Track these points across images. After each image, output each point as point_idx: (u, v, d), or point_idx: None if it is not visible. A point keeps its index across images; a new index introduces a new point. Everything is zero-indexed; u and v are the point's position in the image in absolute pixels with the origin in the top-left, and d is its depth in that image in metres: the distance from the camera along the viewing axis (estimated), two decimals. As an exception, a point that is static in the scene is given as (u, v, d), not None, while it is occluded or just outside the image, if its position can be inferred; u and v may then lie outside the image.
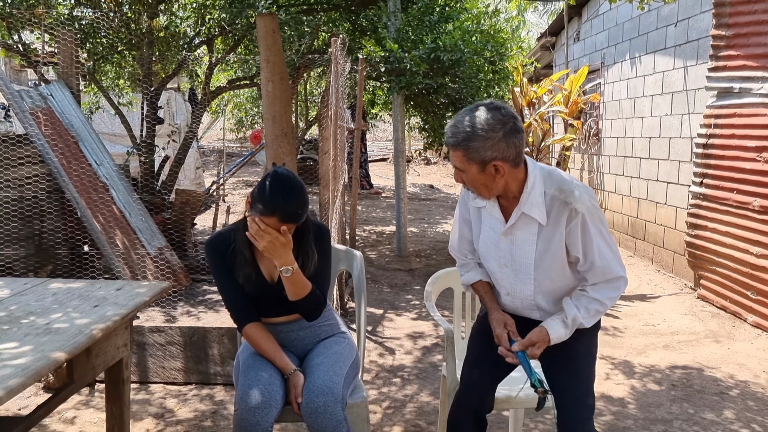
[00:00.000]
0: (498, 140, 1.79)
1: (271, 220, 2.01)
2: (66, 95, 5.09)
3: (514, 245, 1.99)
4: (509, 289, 2.08)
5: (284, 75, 3.47)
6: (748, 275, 4.78)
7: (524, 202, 1.91)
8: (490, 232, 2.04)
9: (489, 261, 2.09)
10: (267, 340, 2.21)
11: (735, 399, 3.50)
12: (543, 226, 1.92)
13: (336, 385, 2.10)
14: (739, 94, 5.00)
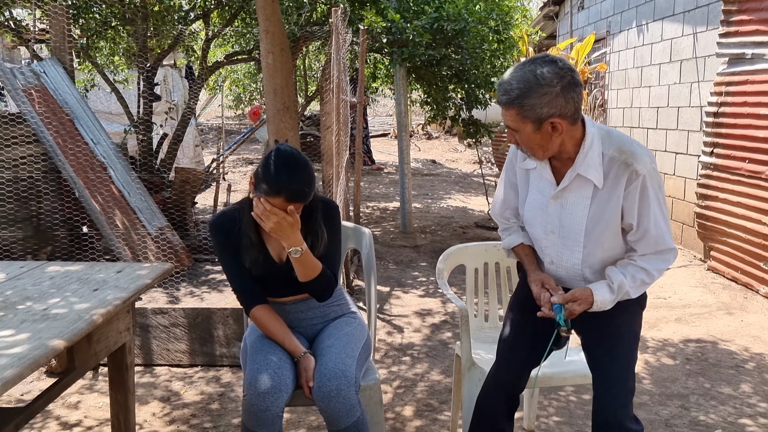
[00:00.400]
0: (555, 95, 1.66)
1: (277, 200, 1.91)
2: (59, 72, 4.95)
3: (564, 210, 1.86)
4: (554, 257, 1.94)
5: (285, 46, 3.33)
6: (760, 246, 4.69)
7: (580, 162, 1.78)
8: (538, 195, 1.92)
9: (534, 227, 1.96)
10: (275, 322, 2.12)
11: (751, 372, 3.43)
12: (598, 189, 1.79)
13: (349, 368, 2.01)
14: (752, 60, 4.86)
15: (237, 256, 2.09)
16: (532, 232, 2.00)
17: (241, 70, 10.90)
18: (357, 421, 1.99)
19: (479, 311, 2.76)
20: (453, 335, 3.96)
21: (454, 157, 13.46)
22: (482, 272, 2.74)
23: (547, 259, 1.97)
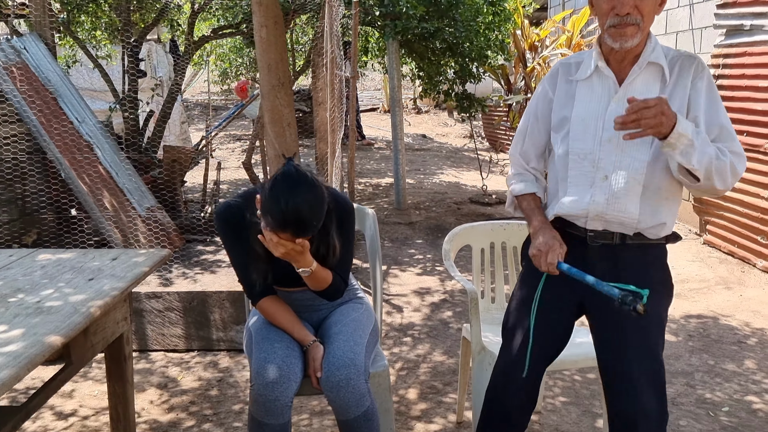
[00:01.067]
0: None
1: (285, 234, 1.78)
2: (41, 48, 4.76)
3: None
4: (610, 169, 1.74)
5: (279, 19, 3.19)
6: (758, 219, 4.67)
7: (649, 51, 1.72)
8: (593, 104, 1.78)
9: (585, 140, 1.78)
10: (283, 312, 2.04)
11: (754, 348, 3.42)
12: (666, 83, 1.71)
13: (358, 356, 1.95)
14: (750, 31, 4.78)
15: (244, 248, 1.98)
16: (581, 148, 1.79)
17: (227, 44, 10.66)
18: (367, 410, 1.93)
19: (486, 292, 2.70)
20: (453, 314, 3.91)
21: (444, 131, 13.33)
22: (488, 252, 2.67)
23: (601, 174, 1.76)
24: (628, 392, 1.70)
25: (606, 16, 1.69)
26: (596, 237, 1.80)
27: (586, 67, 1.82)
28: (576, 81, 1.84)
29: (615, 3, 1.66)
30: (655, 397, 1.70)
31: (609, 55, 1.77)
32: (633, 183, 1.74)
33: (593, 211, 1.78)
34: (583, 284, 1.74)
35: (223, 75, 11.96)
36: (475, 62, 6.12)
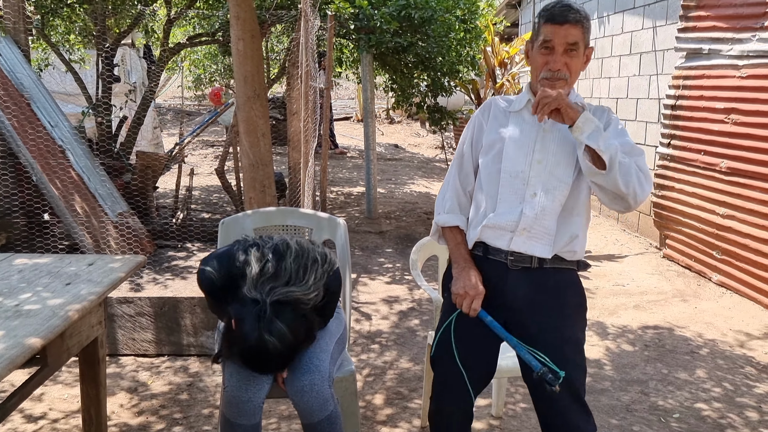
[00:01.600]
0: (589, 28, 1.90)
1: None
2: (15, 53, 4.77)
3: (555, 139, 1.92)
4: (539, 188, 1.90)
5: (255, 32, 3.28)
6: (713, 235, 4.88)
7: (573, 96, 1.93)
8: (525, 130, 1.95)
9: (517, 161, 1.92)
10: None
11: (705, 358, 3.59)
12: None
13: (323, 362, 2.03)
14: (708, 55, 5.00)
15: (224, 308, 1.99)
16: (513, 168, 1.93)
17: (202, 51, 10.66)
18: (330, 414, 2.01)
19: (450, 302, 2.80)
20: (420, 322, 4.02)
21: (416, 141, 13.50)
22: (454, 263, 2.77)
23: (530, 191, 1.90)
24: (556, 411, 1.87)
25: (540, 68, 1.90)
26: (516, 261, 1.92)
27: (519, 101, 2.02)
28: (509, 112, 2.02)
29: (549, 59, 1.87)
30: (579, 414, 1.87)
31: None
32: (556, 201, 1.90)
33: (523, 223, 1.90)
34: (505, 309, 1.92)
35: (197, 81, 11.93)
36: (447, 76, 6.27)
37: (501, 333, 1.87)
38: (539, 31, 1.89)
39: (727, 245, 4.73)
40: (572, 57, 1.85)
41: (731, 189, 4.69)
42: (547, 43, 1.85)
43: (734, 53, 4.71)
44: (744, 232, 4.55)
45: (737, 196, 4.63)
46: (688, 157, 5.20)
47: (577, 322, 1.98)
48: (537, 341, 1.86)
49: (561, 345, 1.87)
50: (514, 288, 1.92)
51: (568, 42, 1.83)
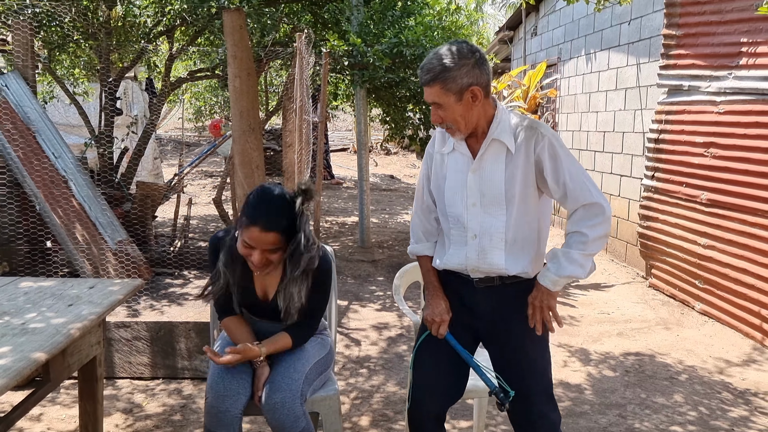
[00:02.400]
0: (472, 66, 1.88)
1: (254, 230, 2.00)
2: (22, 87, 4.97)
3: (483, 179, 2.01)
4: (477, 230, 2.04)
5: (251, 70, 3.48)
6: (696, 265, 5.03)
7: (494, 129, 1.97)
8: (458, 174, 2.06)
9: (455, 205, 2.07)
10: (243, 330, 2.26)
11: (684, 383, 3.70)
12: (511, 153, 1.97)
13: (295, 382, 2.15)
14: (688, 91, 5.21)
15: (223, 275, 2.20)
16: (453, 212, 2.09)
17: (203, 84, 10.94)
18: (302, 430, 2.12)
19: (433, 326, 2.94)
20: (408, 348, 4.14)
21: (412, 172, 13.73)
22: (436, 289, 2.92)
23: (470, 234, 2.05)
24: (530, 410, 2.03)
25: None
26: (480, 281, 2.10)
27: (450, 142, 2.09)
28: (444, 153, 2.14)
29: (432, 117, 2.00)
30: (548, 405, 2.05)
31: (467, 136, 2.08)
32: (497, 240, 2.03)
33: (469, 265, 2.07)
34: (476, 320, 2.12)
35: (197, 113, 12.20)
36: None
37: (461, 353, 2.07)
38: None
39: (709, 275, 4.87)
40: (442, 111, 1.93)
41: (711, 220, 4.85)
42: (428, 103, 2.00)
43: (712, 90, 4.92)
44: (724, 262, 4.70)
45: (717, 227, 4.80)
46: (671, 189, 5.37)
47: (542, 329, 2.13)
48: (506, 346, 2.06)
49: (527, 347, 2.06)
50: (482, 302, 2.10)
51: (429, 101, 1.98)
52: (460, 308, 2.13)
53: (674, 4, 5.37)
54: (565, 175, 1.94)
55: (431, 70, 1.90)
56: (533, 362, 2.05)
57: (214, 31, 6.06)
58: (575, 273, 1.95)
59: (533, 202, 2.02)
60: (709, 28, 5.01)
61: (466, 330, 2.14)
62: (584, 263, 1.95)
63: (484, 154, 2.00)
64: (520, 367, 2.05)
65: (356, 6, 6.16)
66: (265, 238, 2.01)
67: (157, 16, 5.95)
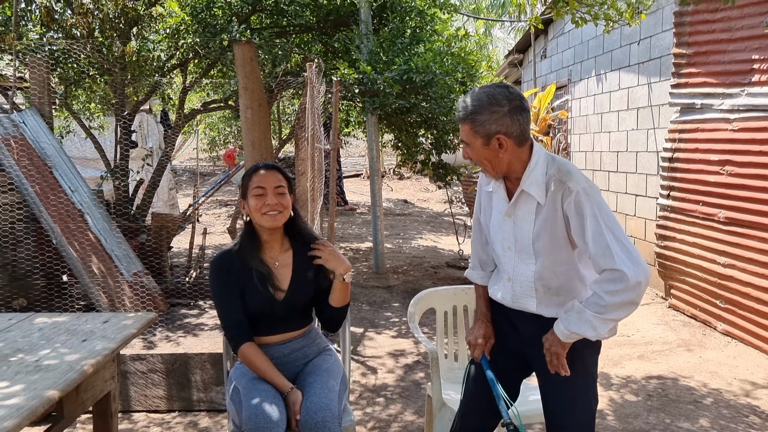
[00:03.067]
0: (503, 115, 1.86)
1: (259, 173, 2.29)
2: (39, 123, 5.06)
3: (515, 225, 2.01)
4: (511, 273, 2.06)
5: (263, 101, 3.52)
6: (716, 284, 4.94)
7: (525, 179, 1.94)
8: (498, 215, 2.08)
9: (495, 245, 2.11)
10: (263, 359, 2.26)
11: (709, 407, 3.61)
12: (541, 205, 1.94)
13: (332, 402, 2.16)
14: (701, 109, 5.18)
15: (232, 293, 2.27)
16: (495, 251, 2.14)
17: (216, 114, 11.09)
18: None
19: (449, 352, 2.91)
20: (425, 375, 4.09)
21: (425, 197, 13.73)
22: (452, 314, 2.89)
23: (505, 276, 2.09)
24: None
25: None
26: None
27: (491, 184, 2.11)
28: (490, 192, 2.14)
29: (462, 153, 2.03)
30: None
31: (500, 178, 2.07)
32: (527, 287, 2.03)
33: (505, 303, 2.11)
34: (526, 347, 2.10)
35: (211, 143, 12.34)
36: (451, 134, 6.50)
37: (489, 378, 2.08)
38: None
39: (730, 294, 4.79)
40: (470, 150, 1.95)
41: (730, 238, 4.78)
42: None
43: (725, 107, 4.89)
44: (745, 281, 4.62)
45: (736, 246, 4.72)
46: (687, 207, 5.31)
47: (588, 359, 2.06)
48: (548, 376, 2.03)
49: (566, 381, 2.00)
50: (527, 329, 2.09)
51: (461, 138, 1.99)
52: (513, 335, 2.14)
53: (684, 23, 5.37)
54: (588, 237, 1.86)
55: (463, 109, 1.92)
56: (572, 397, 2.00)
57: (227, 63, 6.15)
58: (585, 333, 1.87)
59: (567, 253, 1.98)
60: (720, 46, 4.99)
61: (517, 358, 2.15)
62: (597, 326, 1.85)
63: (517, 202, 2.01)
64: (560, 399, 2.02)
65: (365, 35, 6.22)
66: (272, 176, 2.28)
67: (171, 50, 6.05)
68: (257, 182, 2.27)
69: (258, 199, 2.25)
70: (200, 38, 5.58)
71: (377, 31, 6.54)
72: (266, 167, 2.33)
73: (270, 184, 2.26)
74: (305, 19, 6.68)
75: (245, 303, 2.26)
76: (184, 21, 5.94)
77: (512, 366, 2.14)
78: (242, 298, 2.26)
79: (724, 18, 4.96)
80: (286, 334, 2.36)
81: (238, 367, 2.36)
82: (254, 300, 2.26)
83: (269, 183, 2.26)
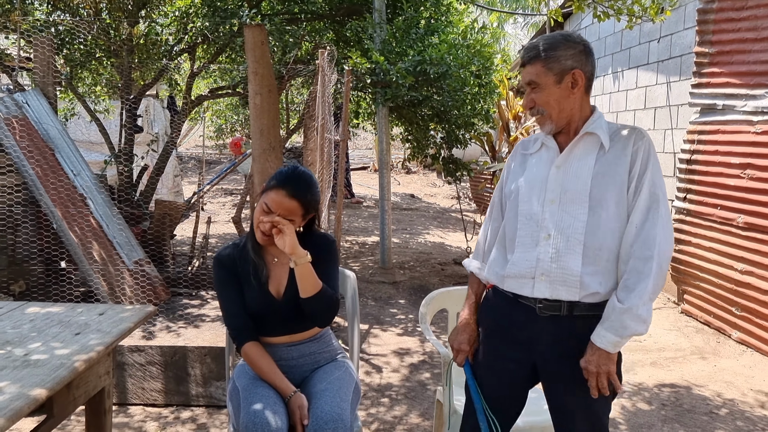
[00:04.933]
0: (579, 51, 1.83)
1: (280, 193, 2.07)
2: (42, 104, 4.94)
3: (567, 174, 1.85)
4: (552, 229, 1.85)
5: (272, 87, 3.38)
6: (732, 291, 4.80)
7: (590, 124, 1.86)
8: (540, 170, 1.92)
9: (531, 202, 1.90)
10: (266, 360, 2.14)
11: (725, 419, 3.48)
12: (604, 150, 1.84)
13: (344, 412, 2.03)
14: (723, 110, 5.03)
15: (235, 290, 2.15)
16: (527, 209, 1.92)
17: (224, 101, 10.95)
18: None
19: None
20: (432, 376, 3.96)
21: (433, 192, 13.58)
22: (463, 317, 2.76)
23: (543, 234, 1.86)
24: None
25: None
26: (545, 308, 1.87)
27: (538, 142, 1.99)
28: (529, 154, 2.01)
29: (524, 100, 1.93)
30: None
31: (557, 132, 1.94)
32: (574, 241, 1.82)
33: (539, 269, 1.85)
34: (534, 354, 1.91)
35: (218, 131, 12.22)
36: (462, 129, 6.36)
37: (471, 387, 2.00)
38: None
39: (747, 302, 4.64)
40: (537, 92, 1.85)
41: (749, 244, 4.63)
42: (523, 86, 1.93)
43: (748, 109, 4.73)
44: (763, 289, 4.47)
45: (755, 252, 4.57)
46: (704, 211, 5.16)
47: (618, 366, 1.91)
48: (563, 386, 1.87)
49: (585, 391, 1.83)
50: (543, 334, 1.88)
51: (527, 81, 1.87)
52: (518, 343, 1.92)
53: (707, 21, 5.20)
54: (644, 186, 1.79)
55: (535, 47, 1.85)
56: (589, 407, 1.84)
57: (236, 49, 6.02)
58: (638, 330, 1.75)
59: (623, 208, 1.82)
60: (745, 46, 4.83)
61: (521, 367, 1.94)
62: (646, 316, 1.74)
63: (574, 148, 1.87)
64: (573, 409, 1.87)
65: (379, 24, 6.07)
66: (288, 204, 2.07)
67: (179, 34, 5.92)
68: (272, 199, 2.08)
69: (262, 213, 2.10)
70: (209, 22, 5.44)
71: (391, 21, 6.39)
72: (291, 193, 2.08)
73: (280, 210, 2.07)
74: (317, 6, 6.54)
75: (246, 301, 2.14)
76: (194, 4, 5.80)
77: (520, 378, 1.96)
78: (243, 296, 2.14)
79: (751, 17, 4.79)
80: (293, 335, 2.23)
81: (241, 366, 2.25)
82: (252, 298, 2.13)
83: (281, 209, 2.07)
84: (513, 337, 1.94)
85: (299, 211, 2.10)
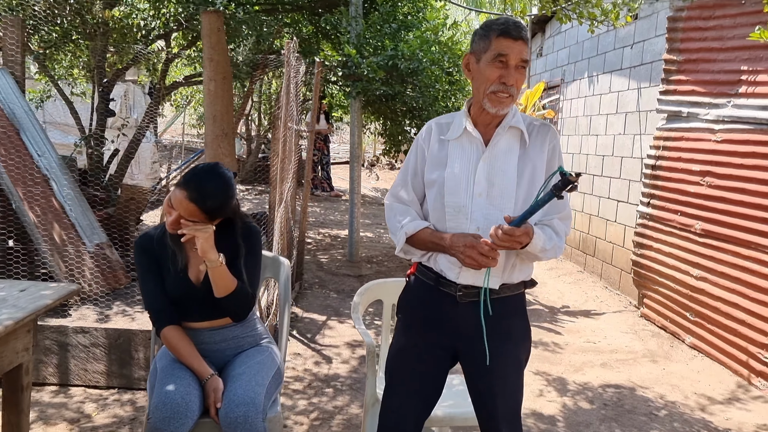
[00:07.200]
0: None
1: (182, 193, 2.05)
2: (9, 83, 4.91)
3: (493, 168, 1.89)
4: (481, 221, 1.88)
5: (227, 74, 3.39)
6: (687, 297, 4.86)
7: (510, 119, 1.92)
8: (464, 162, 1.92)
9: (458, 195, 1.90)
10: (185, 343, 2.16)
11: (663, 420, 3.53)
12: (525, 143, 1.92)
13: (258, 396, 2.06)
14: (687, 118, 5.08)
15: (155, 275, 2.16)
16: (454, 202, 1.91)
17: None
18: None
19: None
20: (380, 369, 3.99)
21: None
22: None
23: (473, 227, 1.89)
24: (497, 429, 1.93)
25: (491, 82, 1.85)
26: (464, 295, 1.92)
27: (456, 127, 1.97)
28: (448, 141, 1.98)
29: (503, 72, 1.84)
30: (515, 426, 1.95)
31: (477, 118, 1.94)
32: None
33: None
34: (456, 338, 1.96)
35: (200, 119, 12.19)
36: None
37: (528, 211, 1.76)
38: (490, 45, 1.85)
39: (700, 307, 4.70)
40: (521, 74, 1.86)
41: (705, 251, 4.69)
42: (503, 57, 1.83)
43: (711, 117, 4.78)
44: (716, 295, 4.53)
45: (710, 259, 4.63)
46: (665, 217, 5.22)
47: (522, 345, 2.02)
48: (485, 367, 1.92)
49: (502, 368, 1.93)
50: (463, 320, 1.94)
51: (522, 58, 1.84)
52: (439, 329, 1.98)
53: (676, 29, 5.25)
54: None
55: (523, 27, 1.86)
56: (505, 382, 1.93)
57: (210, 37, 5.99)
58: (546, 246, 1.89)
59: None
60: (710, 55, 4.88)
61: (444, 350, 1.99)
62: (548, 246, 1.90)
63: (498, 143, 1.91)
64: (492, 386, 1.93)
65: (354, 17, 6.08)
66: (187, 206, 2.05)
67: (153, 20, 5.91)
68: (174, 197, 2.07)
69: (167, 206, 2.11)
70: (183, 8, 5.43)
71: (367, 15, 6.39)
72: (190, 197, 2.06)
73: (180, 210, 2.07)
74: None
75: (165, 286, 2.16)
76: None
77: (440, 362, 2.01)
78: (163, 281, 2.16)
79: (717, 26, 4.84)
80: (215, 321, 2.25)
81: (164, 349, 2.27)
82: (171, 284, 2.15)
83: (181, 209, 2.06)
84: (435, 323, 1.98)
85: (200, 216, 2.08)
